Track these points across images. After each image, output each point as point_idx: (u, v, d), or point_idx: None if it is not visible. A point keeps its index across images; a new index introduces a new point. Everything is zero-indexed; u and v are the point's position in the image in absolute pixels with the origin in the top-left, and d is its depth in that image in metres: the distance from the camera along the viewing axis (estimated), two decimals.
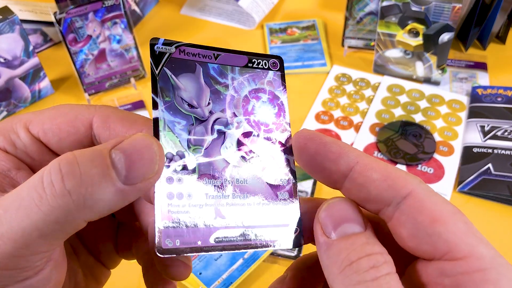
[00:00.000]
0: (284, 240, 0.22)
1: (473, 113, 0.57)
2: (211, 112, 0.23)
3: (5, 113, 0.61)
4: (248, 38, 0.72)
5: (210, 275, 0.43)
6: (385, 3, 0.58)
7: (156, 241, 0.20)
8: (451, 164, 0.53)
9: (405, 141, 0.55)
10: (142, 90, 0.64)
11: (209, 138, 0.22)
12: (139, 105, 0.61)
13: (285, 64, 0.37)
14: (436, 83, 0.62)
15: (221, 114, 0.23)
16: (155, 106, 0.21)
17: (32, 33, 0.72)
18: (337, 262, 0.19)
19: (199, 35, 0.73)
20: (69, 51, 0.58)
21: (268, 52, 0.68)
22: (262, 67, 0.24)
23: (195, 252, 0.21)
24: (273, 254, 0.45)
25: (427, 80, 0.63)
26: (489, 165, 0.50)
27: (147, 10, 0.78)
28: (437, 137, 0.55)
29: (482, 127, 0.55)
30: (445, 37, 0.57)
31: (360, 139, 0.56)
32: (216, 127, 0.23)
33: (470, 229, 0.20)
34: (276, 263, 0.45)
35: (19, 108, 0.62)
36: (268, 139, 0.24)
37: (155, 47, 0.22)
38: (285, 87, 0.24)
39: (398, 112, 0.59)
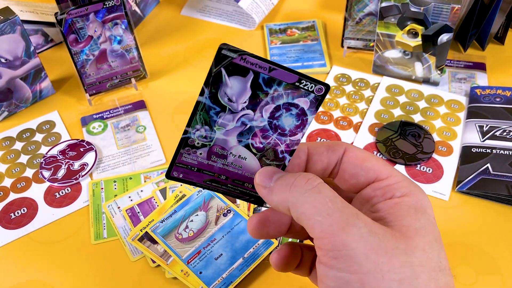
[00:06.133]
0: (255, 200, 0.32)
1: (472, 113, 0.57)
2: (243, 108, 0.28)
3: (6, 113, 0.61)
4: (248, 39, 0.72)
5: (210, 274, 0.43)
6: (384, 4, 0.58)
7: (167, 170, 0.30)
8: (450, 164, 0.53)
9: (404, 141, 0.55)
10: (143, 90, 0.64)
11: (232, 125, 0.29)
12: (140, 105, 0.62)
13: (285, 65, 0.47)
14: (435, 84, 0.63)
15: (250, 112, 0.29)
16: (202, 93, 0.27)
17: (33, 33, 0.72)
18: (282, 191, 0.28)
19: (200, 36, 0.73)
20: (70, 51, 0.58)
21: (268, 53, 0.68)
22: (307, 88, 0.28)
23: (190, 185, 0.31)
24: None
25: (426, 81, 0.63)
26: (488, 165, 0.51)
27: (148, 11, 0.78)
28: (436, 137, 0.56)
29: (481, 127, 0.55)
30: (444, 37, 0.58)
31: (360, 139, 0.56)
32: (242, 119, 0.29)
33: (385, 163, 0.30)
34: None
35: (20, 108, 0.62)
36: (278, 139, 0.30)
37: (222, 50, 0.26)
38: (316, 110, 0.29)
39: (397, 112, 0.59)
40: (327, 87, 0.28)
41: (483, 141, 0.53)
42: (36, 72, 0.61)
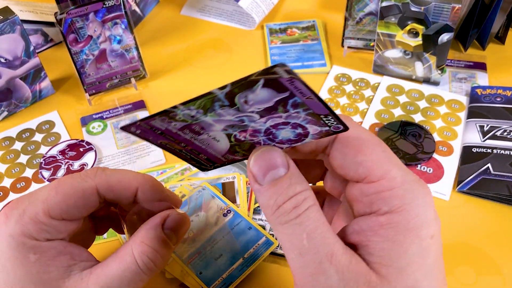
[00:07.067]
0: (199, 166, 0.31)
1: (473, 113, 0.57)
2: (252, 111, 0.25)
3: (6, 113, 0.61)
4: (248, 39, 0.72)
5: (210, 274, 0.43)
6: (384, 4, 0.58)
7: (127, 123, 0.25)
8: (450, 164, 0.53)
9: (405, 141, 0.55)
10: (143, 90, 0.64)
11: (230, 118, 0.25)
12: (140, 105, 0.61)
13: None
14: (436, 83, 0.62)
15: (256, 116, 0.25)
16: (222, 88, 0.23)
17: (33, 33, 0.72)
18: (269, 206, 0.25)
19: (200, 36, 0.73)
20: (69, 51, 0.58)
21: (268, 53, 0.68)
22: (327, 123, 0.25)
23: (142, 140, 0.28)
24: (273, 254, 0.45)
25: (427, 80, 0.63)
26: (488, 165, 0.51)
27: (148, 10, 0.78)
28: (436, 137, 0.56)
29: (482, 127, 0.55)
30: (445, 37, 0.57)
31: None
32: (243, 117, 0.25)
33: (386, 157, 0.24)
34: (276, 263, 0.45)
35: (20, 108, 0.62)
36: (264, 141, 0.27)
37: (276, 67, 0.22)
38: (318, 139, 0.26)
39: (398, 112, 0.59)
40: (346, 129, 0.25)
41: (484, 141, 0.53)
42: (35, 72, 0.61)
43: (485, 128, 0.55)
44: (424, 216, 0.23)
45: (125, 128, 0.26)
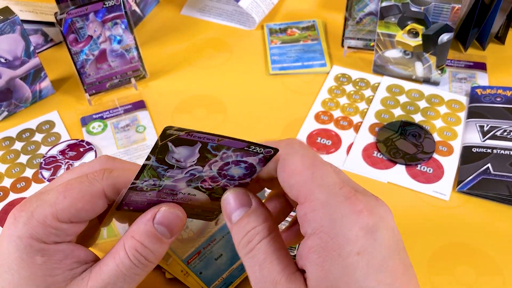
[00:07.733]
0: (203, 218, 0.35)
1: (473, 113, 0.57)
2: (192, 165, 0.27)
3: (6, 113, 0.61)
4: (248, 39, 0.72)
5: (210, 274, 0.43)
6: (384, 4, 0.58)
7: (118, 204, 0.31)
8: (450, 164, 0.53)
9: (405, 141, 0.55)
10: (143, 90, 0.64)
11: (181, 176, 0.28)
12: (140, 105, 0.61)
13: (285, 65, 0.47)
14: (436, 83, 0.62)
15: (199, 167, 0.28)
16: (148, 159, 0.26)
17: (33, 33, 0.72)
18: (235, 241, 0.29)
19: (200, 36, 0.73)
20: (70, 51, 0.58)
21: (268, 53, 0.68)
22: (256, 151, 0.27)
23: (137, 212, 0.31)
24: None
25: (427, 80, 0.63)
26: (488, 165, 0.51)
27: (148, 10, 0.78)
28: (436, 137, 0.56)
29: (482, 127, 0.55)
30: (445, 37, 0.57)
31: (360, 139, 0.56)
32: (191, 171, 0.28)
33: (314, 178, 0.25)
34: None
35: (20, 108, 0.62)
36: (228, 183, 0.30)
37: (168, 131, 0.24)
38: (264, 165, 0.29)
39: (398, 112, 0.59)
40: (276, 150, 0.27)
41: (484, 141, 0.53)
42: (35, 72, 0.61)
43: (485, 128, 0.55)
44: (345, 235, 0.24)
45: (119, 208, 0.30)
